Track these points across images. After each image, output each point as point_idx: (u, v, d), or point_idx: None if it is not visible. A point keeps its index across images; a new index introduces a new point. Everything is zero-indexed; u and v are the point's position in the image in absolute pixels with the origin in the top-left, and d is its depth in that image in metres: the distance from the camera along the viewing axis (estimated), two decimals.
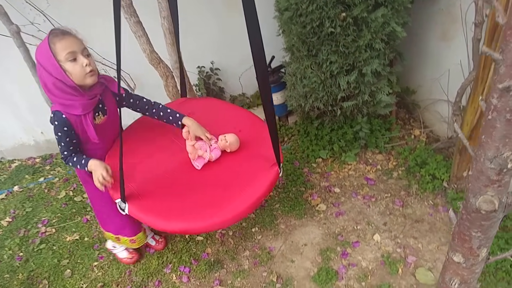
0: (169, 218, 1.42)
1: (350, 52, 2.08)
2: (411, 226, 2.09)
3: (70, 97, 1.43)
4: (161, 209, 1.44)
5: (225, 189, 1.49)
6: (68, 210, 2.68)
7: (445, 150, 2.46)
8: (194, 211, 1.42)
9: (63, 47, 1.35)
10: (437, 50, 2.38)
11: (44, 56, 1.36)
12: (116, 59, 1.24)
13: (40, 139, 3.23)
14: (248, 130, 1.76)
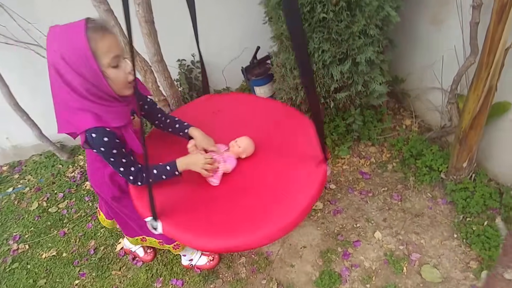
0: (211, 235, 1.21)
1: (343, 39, 1.94)
2: (412, 221, 2.02)
3: (108, 103, 1.15)
4: (199, 226, 1.24)
5: (268, 198, 1.28)
6: (42, 223, 2.45)
7: (438, 140, 2.39)
8: (238, 226, 1.22)
9: (107, 49, 1.08)
10: (427, 36, 2.28)
11: (79, 57, 1.05)
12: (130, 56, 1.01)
13: (6, 145, 2.94)
14: (284, 124, 1.57)
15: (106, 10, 2.05)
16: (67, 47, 1.04)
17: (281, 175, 1.35)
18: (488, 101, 1.68)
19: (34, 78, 2.61)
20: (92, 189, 2.59)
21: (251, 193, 1.32)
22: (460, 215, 1.97)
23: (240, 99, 1.82)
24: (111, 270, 2.10)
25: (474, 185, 2.02)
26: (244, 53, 2.79)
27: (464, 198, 2.00)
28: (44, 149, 2.93)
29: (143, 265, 2.07)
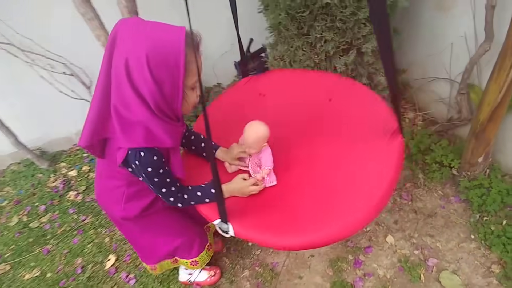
0: (286, 233, 1.08)
1: (348, 27, 1.77)
2: (425, 222, 1.88)
3: (170, 122, 1.03)
4: (270, 225, 1.12)
5: (338, 185, 1.16)
6: (23, 240, 2.24)
7: (445, 133, 2.26)
8: (313, 220, 1.09)
9: (196, 71, 0.98)
10: (434, 21, 2.12)
11: (166, 64, 0.92)
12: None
13: None
14: (341, 97, 1.41)
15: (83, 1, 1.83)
16: (158, 50, 0.90)
17: (348, 157, 1.22)
18: (510, 92, 1.54)
19: (6, 81, 2.38)
20: (77, 200, 2.39)
21: (317, 182, 1.20)
22: (476, 214, 1.85)
23: (286, 77, 1.63)
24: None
25: (490, 181, 1.90)
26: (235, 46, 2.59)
27: (480, 195, 1.87)
28: (22, 157, 2.70)
29: (136, 283, 1.89)
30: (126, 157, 1.03)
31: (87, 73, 2.46)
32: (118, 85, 0.95)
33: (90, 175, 2.54)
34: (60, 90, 2.39)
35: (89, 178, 2.52)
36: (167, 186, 1.13)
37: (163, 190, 1.13)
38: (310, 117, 1.40)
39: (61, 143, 2.78)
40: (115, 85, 0.95)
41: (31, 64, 2.30)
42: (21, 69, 2.30)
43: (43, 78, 2.33)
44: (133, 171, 1.09)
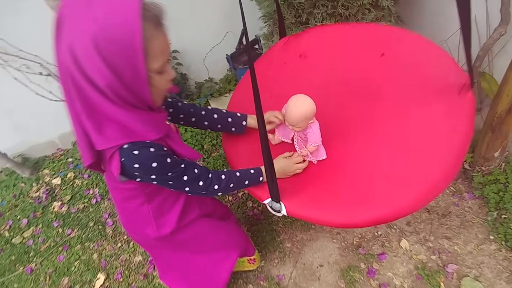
0: (344, 208, 1.01)
1: (351, 13, 1.62)
2: (439, 222, 1.75)
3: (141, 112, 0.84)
4: (325, 200, 1.04)
5: (398, 156, 1.05)
6: (5, 257, 2.06)
7: None
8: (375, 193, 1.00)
9: (163, 50, 0.79)
10: (438, 7, 1.97)
11: (120, 48, 0.71)
12: None
13: None
14: (393, 51, 1.27)
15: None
16: (109, 30, 0.70)
17: (410, 120, 1.10)
18: None
19: None
20: (61, 211, 2.20)
21: (375, 151, 1.09)
22: (494, 212, 1.72)
23: (327, 33, 1.44)
24: None
25: (506, 176, 1.77)
26: (227, 38, 2.41)
27: (496, 191, 1.74)
28: (2, 166, 2.50)
29: None
30: (123, 166, 0.85)
31: None
32: (73, 84, 0.75)
33: (75, 182, 2.35)
34: (37, 92, 2.18)
35: (74, 186, 2.33)
36: (187, 172, 0.97)
37: (184, 179, 0.96)
38: (360, 77, 1.26)
39: (44, 149, 2.57)
40: (70, 84, 0.76)
41: (3, 65, 2.09)
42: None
43: (17, 80, 2.12)
44: (141, 178, 0.93)
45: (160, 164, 0.88)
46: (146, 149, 0.85)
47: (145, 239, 1.17)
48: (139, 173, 0.89)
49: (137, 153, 0.84)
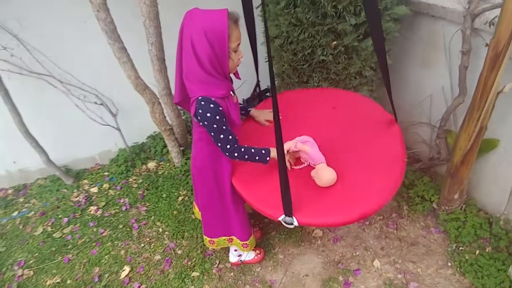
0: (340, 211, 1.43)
1: (340, 79, 2.10)
2: (408, 249, 2.12)
3: (217, 78, 1.39)
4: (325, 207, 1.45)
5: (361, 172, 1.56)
6: (46, 248, 2.48)
7: (427, 170, 2.53)
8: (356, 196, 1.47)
9: (237, 37, 1.37)
10: (417, 77, 2.46)
11: (217, 34, 1.29)
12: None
13: (12, 168, 2.98)
14: (344, 104, 1.93)
15: (120, 48, 2.18)
16: (211, 26, 1.28)
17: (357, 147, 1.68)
18: (479, 140, 1.82)
19: (45, 107, 2.71)
20: (96, 214, 2.65)
21: (344, 168, 1.56)
22: (453, 244, 2.09)
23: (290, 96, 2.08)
24: None
25: (465, 216, 2.15)
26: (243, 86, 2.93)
27: (456, 228, 2.12)
28: (50, 173, 2.98)
29: None
30: (195, 110, 1.39)
31: (115, 104, 2.80)
32: (186, 57, 1.36)
33: (109, 192, 2.82)
34: (90, 117, 2.72)
35: (108, 195, 2.79)
36: (225, 133, 1.44)
37: (221, 136, 1.44)
38: (319, 122, 1.85)
39: (85, 162, 3.08)
40: (184, 57, 1.37)
41: (67, 94, 2.63)
42: (58, 97, 2.63)
43: (77, 106, 2.67)
44: (201, 120, 1.41)
45: (212, 116, 1.38)
46: (209, 103, 1.37)
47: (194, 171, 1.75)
48: (200, 118, 1.39)
49: (203, 103, 1.37)
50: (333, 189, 1.51)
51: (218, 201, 1.76)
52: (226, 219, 1.84)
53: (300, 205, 1.43)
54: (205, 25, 1.29)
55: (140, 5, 2.08)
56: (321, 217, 1.43)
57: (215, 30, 1.29)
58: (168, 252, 2.31)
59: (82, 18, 2.36)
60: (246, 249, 1.93)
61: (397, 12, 2.02)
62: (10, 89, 2.44)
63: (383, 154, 1.62)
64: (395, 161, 1.57)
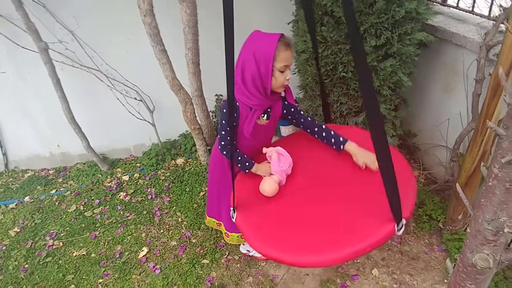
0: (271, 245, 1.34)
1: (359, 95, 2.24)
2: (408, 263, 2.21)
3: (257, 93, 1.52)
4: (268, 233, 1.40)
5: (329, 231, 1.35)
6: (77, 224, 2.77)
7: (442, 192, 2.60)
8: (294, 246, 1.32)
9: (284, 59, 1.46)
10: (438, 100, 2.56)
11: (264, 54, 1.43)
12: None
13: (56, 151, 3.34)
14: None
15: (161, 50, 2.44)
16: (260, 47, 1.44)
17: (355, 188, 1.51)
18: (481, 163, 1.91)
19: (90, 98, 3.03)
20: (125, 199, 2.91)
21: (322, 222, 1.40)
22: (453, 263, 2.15)
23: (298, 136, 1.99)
24: (132, 274, 2.35)
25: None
26: None
27: (457, 247, 2.18)
28: (88, 159, 3.30)
29: (160, 273, 2.32)
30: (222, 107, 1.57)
31: (152, 101, 3.08)
32: (238, 71, 1.49)
33: (139, 181, 3.09)
34: (130, 111, 3.01)
35: (137, 184, 3.06)
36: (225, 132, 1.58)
37: (222, 132, 1.60)
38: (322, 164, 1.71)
39: (121, 153, 3.39)
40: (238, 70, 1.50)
41: (111, 88, 2.94)
42: (103, 90, 2.94)
43: (119, 100, 2.96)
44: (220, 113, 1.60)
45: (224, 114, 1.54)
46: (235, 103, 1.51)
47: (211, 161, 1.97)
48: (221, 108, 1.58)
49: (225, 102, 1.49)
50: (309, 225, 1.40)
51: (218, 185, 1.96)
52: (219, 204, 2.05)
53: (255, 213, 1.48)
54: (256, 45, 1.44)
55: (182, 14, 2.33)
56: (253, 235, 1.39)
57: (263, 49, 1.42)
58: (184, 240, 2.51)
59: (131, 22, 2.66)
60: (227, 239, 2.10)
61: (417, 37, 2.15)
62: (62, 79, 2.77)
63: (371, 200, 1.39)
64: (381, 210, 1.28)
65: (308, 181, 1.63)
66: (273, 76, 1.48)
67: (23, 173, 3.43)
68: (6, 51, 2.84)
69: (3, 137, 3.29)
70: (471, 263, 1.00)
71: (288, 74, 1.52)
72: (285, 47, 1.45)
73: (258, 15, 2.88)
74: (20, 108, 3.11)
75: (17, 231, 2.79)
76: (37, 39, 2.59)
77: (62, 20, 2.69)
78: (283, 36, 1.45)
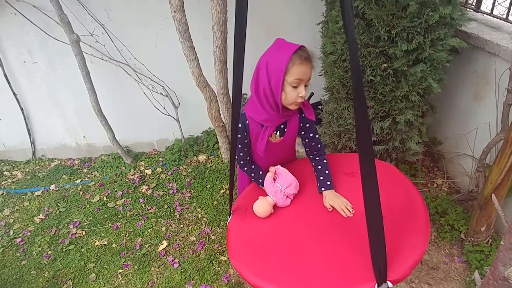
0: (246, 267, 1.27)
1: (386, 100, 2.22)
2: (427, 272, 2.18)
3: (268, 107, 1.42)
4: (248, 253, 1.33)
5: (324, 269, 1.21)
6: (100, 214, 2.83)
7: (465, 203, 2.55)
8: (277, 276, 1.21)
9: (297, 73, 1.33)
10: (467, 108, 2.50)
11: (277, 65, 1.33)
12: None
13: (82, 142, 3.44)
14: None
15: (189, 46, 2.47)
16: (274, 57, 1.35)
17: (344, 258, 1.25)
18: (509, 175, 1.87)
19: (117, 91, 3.10)
20: (147, 193, 2.97)
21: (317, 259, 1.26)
22: (472, 275, 2.11)
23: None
24: (151, 266, 2.39)
25: (490, 249, 2.16)
26: None
27: (479, 260, 2.14)
28: (113, 151, 3.37)
29: (179, 267, 2.35)
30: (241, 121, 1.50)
31: (178, 97, 3.12)
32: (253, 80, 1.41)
33: (161, 175, 3.14)
34: (155, 106, 3.06)
35: (160, 178, 3.12)
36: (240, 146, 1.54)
37: (239, 146, 1.54)
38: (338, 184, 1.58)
39: (144, 146, 3.46)
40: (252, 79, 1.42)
41: (138, 82, 2.99)
42: (130, 84, 3.00)
43: (145, 95, 3.01)
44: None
45: (241, 128, 1.48)
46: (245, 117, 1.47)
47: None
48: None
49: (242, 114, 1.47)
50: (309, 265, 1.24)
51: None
52: None
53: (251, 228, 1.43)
54: (272, 54, 1.35)
55: (212, 11, 2.35)
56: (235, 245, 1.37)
57: (277, 59, 1.32)
58: (203, 236, 2.54)
59: (160, 17, 2.70)
60: None
61: (450, 43, 2.11)
62: (91, 71, 2.83)
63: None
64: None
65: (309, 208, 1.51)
66: (283, 91, 1.36)
67: (49, 162, 3.53)
68: (38, 42, 2.92)
69: (32, 126, 3.40)
70: (503, 276, 0.98)
71: (303, 91, 1.37)
72: (301, 60, 1.32)
73: (290, 15, 2.89)
74: (50, 98, 3.21)
75: (42, 218, 2.88)
76: (69, 31, 2.66)
77: (93, 12, 2.76)
78: (302, 48, 1.33)
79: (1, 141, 3.52)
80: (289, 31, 2.90)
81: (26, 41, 2.94)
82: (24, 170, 3.47)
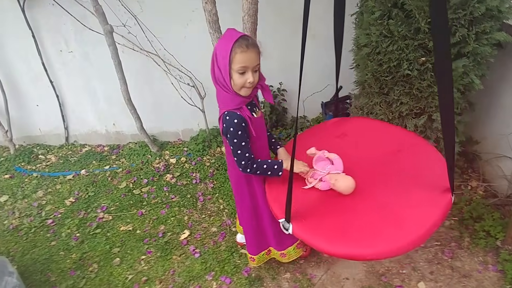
0: (337, 242, 1.34)
1: (423, 96, 2.10)
2: (458, 280, 2.05)
3: (231, 91, 1.49)
4: (328, 231, 1.38)
5: (390, 217, 1.39)
6: (126, 201, 2.88)
7: (502, 208, 2.39)
8: (360, 236, 1.33)
9: (241, 61, 1.41)
10: (509, 107, 2.33)
11: (222, 54, 1.42)
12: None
13: (111, 129, 3.52)
14: (408, 150, 1.71)
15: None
16: (220, 48, 1.44)
17: (410, 198, 1.45)
18: None
19: (147, 81, 3.13)
20: (171, 181, 2.99)
21: (374, 207, 1.44)
22: (507, 286, 1.97)
23: (367, 124, 2.00)
24: (172, 254, 2.41)
25: None
26: (326, 89, 3.04)
27: None
28: (140, 139, 3.43)
29: (200, 257, 2.35)
30: (223, 125, 1.52)
31: (204, 88, 3.11)
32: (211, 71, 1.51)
33: (185, 165, 3.16)
34: (182, 96, 3.06)
35: (183, 167, 3.13)
36: (242, 149, 1.53)
37: (238, 152, 1.53)
38: (379, 160, 1.69)
39: (170, 136, 3.49)
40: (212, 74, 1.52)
41: (167, 72, 3.00)
42: (159, 74, 3.02)
43: (172, 85, 3.02)
44: (224, 133, 1.53)
45: (234, 131, 1.49)
46: (233, 118, 1.48)
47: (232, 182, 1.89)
48: (224, 131, 1.52)
49: (228, 118, 1.49)
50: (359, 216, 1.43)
51: (254, 218, 1.88)
52: (262, 232, 1.95)
53: (308, 217, 1.44)
54: (219, 46, 1.44)
55: (242, 2, 2.30)
56: (316, 239, 1.36)
57: (222, 50, 1.41)
58: (224, 227, 2.53)
59: (190, 8, 2.69)
60: (285, 258, 2.03)
61: (496, 37, 1.95)
62: (122, 61, 2.87)
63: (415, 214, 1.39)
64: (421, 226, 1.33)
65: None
66: (232, 78, 1.45)
67: (81, 147, 3.65)
68: (74, 32, 3.00)
69: (66, 113, 3.51)
70: None
71: (250, 77, 1.44)
72: (242, 48, 1.39)
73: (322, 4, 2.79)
74: (84, 86, 3.30)
75: (72, 201, 2.97)
76: (103, 21, 2.70)
77: (126, 4, 2.78)
78: (243, 37, 1.41)
79: (37, 126, 3.67)
80: (321, 21, 2.81)
81: (63, 31, 3.03)
82: (57, 154, 3.60)
